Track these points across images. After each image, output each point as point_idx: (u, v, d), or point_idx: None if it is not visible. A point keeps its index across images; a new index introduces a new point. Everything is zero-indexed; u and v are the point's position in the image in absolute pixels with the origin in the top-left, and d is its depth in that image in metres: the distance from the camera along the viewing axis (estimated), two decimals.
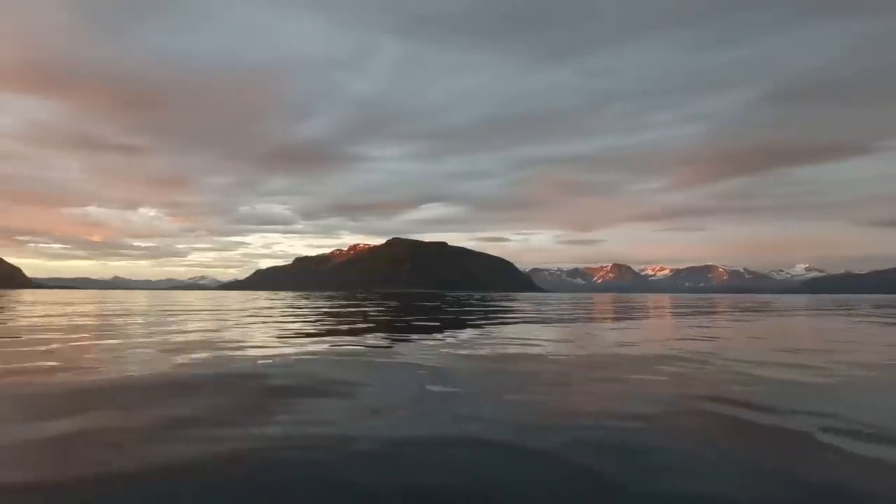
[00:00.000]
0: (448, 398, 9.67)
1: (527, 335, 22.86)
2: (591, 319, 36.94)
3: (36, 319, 32.91)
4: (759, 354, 14.10)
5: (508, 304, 75.20)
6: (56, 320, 33.55)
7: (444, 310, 52.03)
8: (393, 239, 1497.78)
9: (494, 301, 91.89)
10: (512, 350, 16.76)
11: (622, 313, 47.35)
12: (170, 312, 44.60)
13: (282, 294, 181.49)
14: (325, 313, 42.85)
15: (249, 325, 28.51)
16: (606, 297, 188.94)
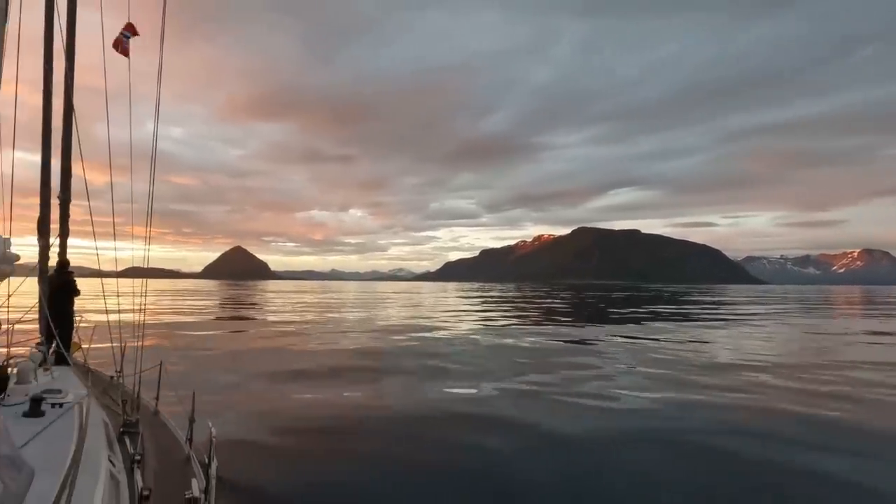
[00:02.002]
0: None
1: (771, 342, 20.11)
2: (843, 319, 30.45)
3: (296, 306, 41.58)
4: None
5: (719, 298, 65.93)
6: (326, 304, 41.86)
7: (645, 303, 48.63)
8: (578, 228, 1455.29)
9: (701, 294, 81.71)
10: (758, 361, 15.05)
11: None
12: (390, 301, 51.55)
13: (471, 285, 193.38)
14: (527, 305, 44.29)
15: (475, 314, 31.21)
16: (854, 290, 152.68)
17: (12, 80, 3.49)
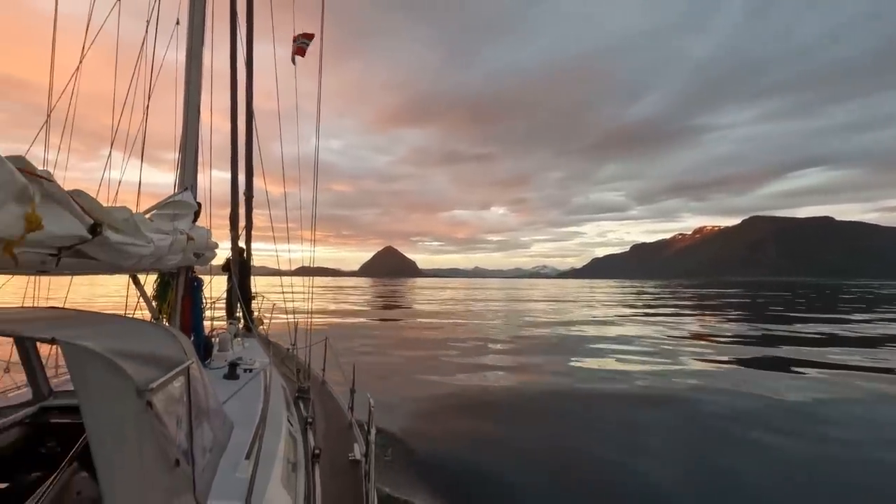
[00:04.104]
0: None
1: None
2: None
3: (444, 301, 43.40)
4: None
5: None
6: (486, 300, 42.66)
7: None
8: (750, 217, 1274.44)
9: None
10: None
11: None
12: (534, 300, 50.69)
13: (621, 283, 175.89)
14: (722, 308, 36.22)
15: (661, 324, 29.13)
16: None
17: (206, 108, 4.34)
